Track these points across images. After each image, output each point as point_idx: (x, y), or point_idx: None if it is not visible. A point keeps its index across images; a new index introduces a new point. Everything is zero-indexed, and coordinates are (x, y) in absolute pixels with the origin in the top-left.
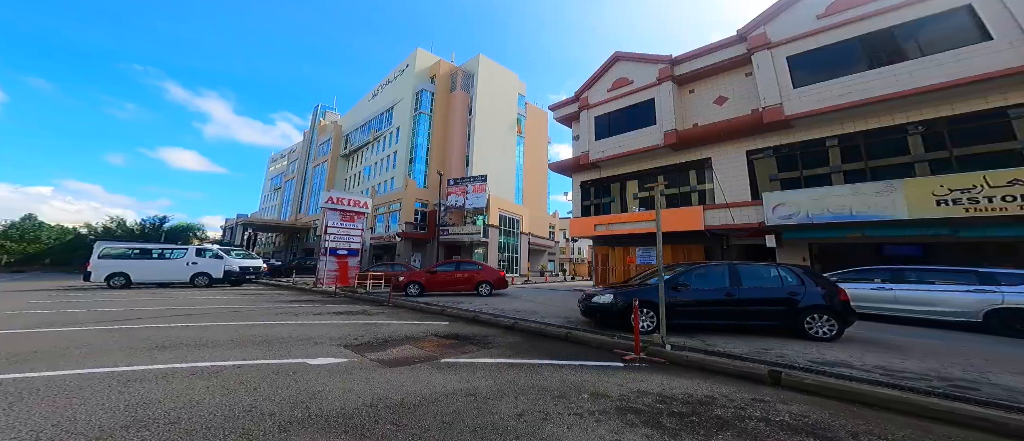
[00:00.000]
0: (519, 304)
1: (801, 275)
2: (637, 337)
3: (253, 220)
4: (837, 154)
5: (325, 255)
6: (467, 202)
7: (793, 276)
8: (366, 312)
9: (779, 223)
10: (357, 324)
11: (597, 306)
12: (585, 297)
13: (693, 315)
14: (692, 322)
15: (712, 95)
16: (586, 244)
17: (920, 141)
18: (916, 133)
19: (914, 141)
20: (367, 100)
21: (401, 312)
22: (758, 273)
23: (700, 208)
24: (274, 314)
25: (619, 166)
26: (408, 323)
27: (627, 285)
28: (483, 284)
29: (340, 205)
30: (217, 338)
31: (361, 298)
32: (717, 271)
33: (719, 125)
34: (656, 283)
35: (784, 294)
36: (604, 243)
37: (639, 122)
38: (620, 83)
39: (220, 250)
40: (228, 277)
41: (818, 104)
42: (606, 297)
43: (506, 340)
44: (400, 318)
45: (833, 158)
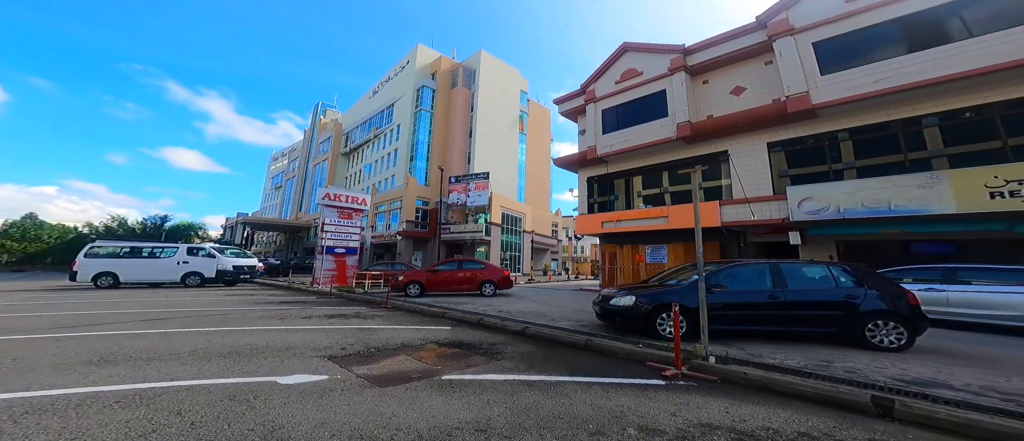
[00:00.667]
0: (525, 305)
1: (859, 275)
2: (678, 349)
3: (253, 219)
4: (870, 145)
5: (322, 254)
6: (469, 200)
7: (849, 276)
8: (360, 315)
9: (805, 219)
10: (348, 329)
11: (617, 309)
12: (601, 299)
13: (729, 320)
14: (728, 328)
15: (728, 85)
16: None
17: (967, 130)
18: (963, 121)
19: (960, 129)
20: (367, 98)
21: (398, 315)
22: (805, 272)
23: (716, 204)
24: (257, 317)
25: (628, 161)
26: (405, 328)
27: (647, 286)
28: (487, 284)
29: (337, 202)
30: (177, 348)
31: (357, 299)
32: (755, 270)
33: (737, 115)
34: (685, 284)
35: (840, 297)
36: (611, 241)
37: (649, 115)
38: (629, 74)
39: (213, 249)
40: (221, 277)
41: (849, 91)
42: (627, 299)
43: (517, 349)
44: (397, 322)
45: (865, 149)
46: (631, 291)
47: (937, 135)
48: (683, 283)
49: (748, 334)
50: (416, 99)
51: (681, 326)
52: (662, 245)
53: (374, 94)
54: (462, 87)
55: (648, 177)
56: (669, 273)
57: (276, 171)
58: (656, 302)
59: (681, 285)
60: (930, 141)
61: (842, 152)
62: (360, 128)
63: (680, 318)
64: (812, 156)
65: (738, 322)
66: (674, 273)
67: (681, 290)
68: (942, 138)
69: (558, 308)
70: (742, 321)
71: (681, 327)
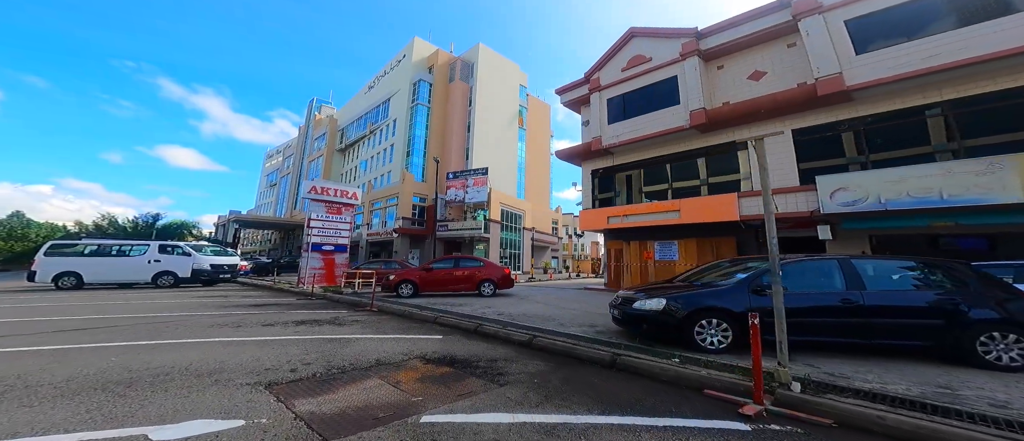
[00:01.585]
0: (529, 307)
1: (960, 273)
2: (759, 375)
3: (245, 217)
4: (911, 130)
5: (307, 252)
6: (467, 196)
7: (950, 276)
8: (337, 321)
9: (838, 211)
10: (313, 340)
11: (642, 314)
12: (621, 301)
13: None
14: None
15: (745, 70)
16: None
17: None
18: None
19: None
20: (363, 93)
21: (383, 320)
22: (891, 271)
23: (733, 196)
24: (208, 326)
25: (635, 152)
26: (387, 338)
27: (674, 286)
28: (486, 283)
29: (325, 196)
30: (55, 375)
31: (341, 301)
32: (820, 267)
33: (759, 101)
34: (729, 285)
35: (939, 301)
36: (618, 237)
37: (659, 103)
38: (636, 61)
39: (189, 246)
40: (198, 276)
41: (891, 71)
42: (655, 302)
43: (524, 368)
44: (378, 329)
45: (906, 135)
46: (657, 293)
47: (996, 117)
48: (723, 284)
49: (813, 346)
50: (412, 93)
51: (728, 336)
52: (672, 241)
53: (370, 89)
54: (460, 81)
55: (657, 169)
56: (696, 272)
57: (271, 169)
58: (694, 306)
59: (722, 286)
60: (988, 124)
61: (884, 138)
62: (355, 124)
63: (723, 326)
64: (844, 143)
65: (802, 331)
66: (703, 272)
67: (723, 292)
68: (1002, 120)
69: (566, 310)
70: (807, 330)
71: (726, 337)
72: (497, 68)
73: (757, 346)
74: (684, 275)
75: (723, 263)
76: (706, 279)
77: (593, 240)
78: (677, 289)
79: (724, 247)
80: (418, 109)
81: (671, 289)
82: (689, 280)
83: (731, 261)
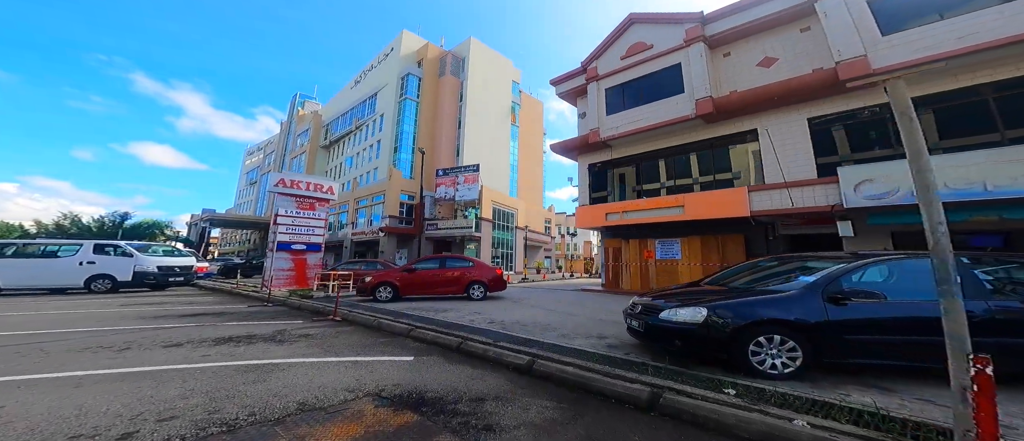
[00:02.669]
0: (524, 312)
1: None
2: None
3: (219, 216)
4: (950, 115)
5: (272, 252)
6: (458, 194)
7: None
8: (278, 336)
9: (864, 204)
10: (219, 370)
11: (674, 329)
12: (641, 310)
13: (884, 350)
14: (882, 363)
15: (755, 57)
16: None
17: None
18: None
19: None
20: (349, 88)
21: (342, 334)
22: (1008, 273)
23: (743, 190)
24: (80, 349)
25: (635, 144)
26: (336, 362)
27: (704, 291)
28: (475, 285)
29: (295, 189)
30: None
31: (304, 307)
32: (918, 268)
33: (772, 87)
34: (794, 290)
35: None
36: (616, 235)
37: (661, 92)
38: (637, 48)
39: (132, 246)
40: (141, 279)
41: (925, 51)
42: (691, 312)
43: (525, 414)
44: (328, 349)
45: (944, 121)
46: (690, 300)
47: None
48: (783, 289)
49: (906, 372)
50: (401, 87)
51: (795, 358)
52: (675, 239)
53: (356, 84)
54: (450, 75)
55: (651, 167)
56: (729, 273)
57: (251, 166)
58: (748, 318)
59: (781, 292)
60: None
61: None
62: (341, 119)
63: (789, 345)
64: (869, 132)
65: (903, 354)
66: (738, 273)
67: (787, 300)
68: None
69: (566, 316)
70: (901, 352)
71: (794, 359)
72: (489, 63)
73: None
74: (712, 277)
75: (762, 262)
76: (744, 282)
77: (586, 239)
78: (715, 295)
79: (731, 245)
80: (406, 104)
81: (706, 296)
82: (722, 283)
83: (776, 259)
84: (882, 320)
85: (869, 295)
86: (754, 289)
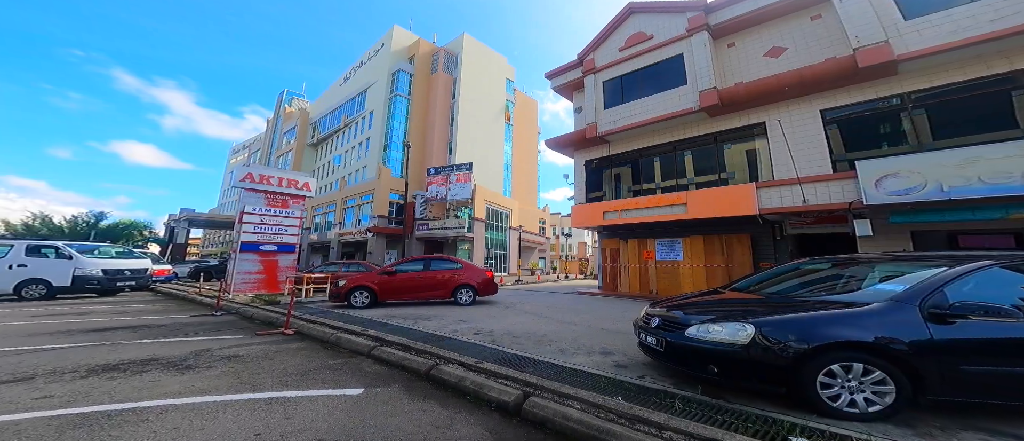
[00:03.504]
0: (516, 320)
1: None
2: None
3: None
4: (983, 106)
5: (236, 253)
6: (450, 193)
7: None
8: (190, 359)
9: (886, 201)
10: (49, 422)
11: (711, 349)
12: (659, 324)
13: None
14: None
15: (761, 47)
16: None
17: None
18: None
19: None
20: (338, 85)
21: (281, 353)
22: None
23: (751, 187)
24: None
25: (635, 139)
26: (238, 402)
27: (738, 301)
28: (464, 289)
29: (264, 184)
30: None
31: (255, 317)
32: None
33: (783, 77)
34: (868, 304)
35: None
36: (614, 235)
37: (662, 84)
38: (636, 39)
39: (73, 247)
40: (83, 284)
41: (952, 35)
42: (733, 330)
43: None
44: (246, 379)
45: (972, 111)
46: (724, 313)
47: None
48: (855, 299)
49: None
50: (391, 83)
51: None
52: (676, 239)
53: (345, 81)
54: (443, 72)
55: (660, 157)
56: (765, 277)
57: (236, 165)
58: (819, 340)
59: (858, 304)
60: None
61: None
62: (329, 117)
63: (876, 376)
64: (887, 124)
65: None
66: (778, 277)
67: (870, 316)
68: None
69: (564, 324)
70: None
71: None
72: (483, 59)
73: None
74: (740, 282)
75: (808, 264)
76: (785, 289)
77: (581, 240)
78: (758, 307)
79: (736, 245)
80: (397, 100)
81: (743, 307)
82: (753, 290)
83: (828, 261)
84: (995, 340)
85: (993, 311)
86: (807, 300)
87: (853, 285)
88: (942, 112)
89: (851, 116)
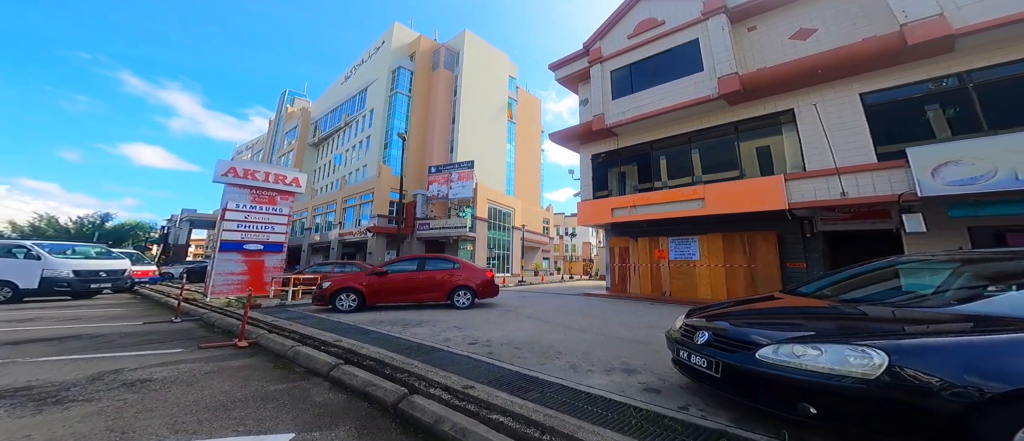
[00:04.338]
0: (519, 326)
1: None
2: None
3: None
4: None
5: (217, 252)
6: (451, 191)
7: None
8: (79, 386)
9: (946, 192)
10: None
11: (807, 384)
12: (712, 340)
13: None
14: None
15: (786, 29)
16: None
17: None
18: None
19: None
20: (339, 84)
21: (213, 375)
22: None
23: (779, 179)
24: None
25: (646, 131)
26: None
27: (794, 307)
28: (461, 291)
29: (249, 180)
30: None
31: (217, 324)
32: None
33: (817, 58)
34: None
35: None
36: (623, 233)
37: (676, 72)
38: (646, 25)
39: (43, 247)
40: (52, 286)
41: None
42: (848, 358)
43: None
44: (127, 424)
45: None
46: (815, 328)
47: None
48: None
49: None
50: (391, 81)
51: None
52: (692, 237)
53: (346, 80)
54: (444, 70)
55: (673, 150)
56: (837, 281)
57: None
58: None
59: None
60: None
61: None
62: (330, 116)
63: None
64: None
65: None
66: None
67: None
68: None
69: (573, 332)
70: None
71: None
72: (485, 57)
73: None
74: (808, 285)
75: (916, 261)
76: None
77: (585, 240)
78: (861, 323)
79: (760, 243)
80: (397, 98)
81: (838, 321)
82: (827, 296)
83: (959, 257)
84: None
85: None
86: (940, 313)
87: (971, 292)
88: (1010, 92)
89: (899, 100)
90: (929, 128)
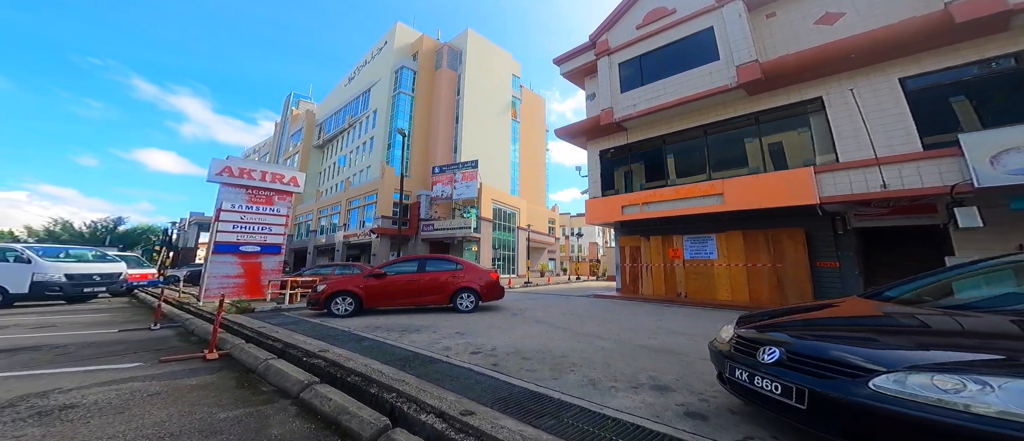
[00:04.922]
0: (527, 332)
1: None
2: None
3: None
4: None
5: (211, 254)
6: (455, 192)
7: None
8: None
9: (1008, 182)
10: None
11: (977, 433)
12: (784, 359)
13: None
14: None
15: (810, 14)
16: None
17: None
18: None
19: None
20: (343, 85)
21: (158, 398)
22: None
23: (808, 171)
24: None
25: (658, 124)
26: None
27: (855, 313)
28: (464, 293)
29: (245, 179)
30: None
31: (195, 331)
32: None
33: (850, 41)
34: None
35: None
36: (634, 232)
37: (689, 62)
38: (656, 14)
39: (33, 250)
40: (41, 290)
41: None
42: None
43: None
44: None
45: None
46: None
47: None
48: None
49: None
50: (394, 81)
51: None
52: (709, 235)
53: (350, 80)
54: (447, 69)
55: (687, 144)
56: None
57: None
58: None
59: None
60: None
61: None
62: (334, 117)
63: None
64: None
65: None
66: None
67: None
68: None
69: (587, 339)
70: None
71: None
72: (488, 56)
73: None
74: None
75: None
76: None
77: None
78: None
79: (786, 241)
80: (400, 98)
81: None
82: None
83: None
84: None
85: None
86: None
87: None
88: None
89: (945, 83)
90: (978, 113)
